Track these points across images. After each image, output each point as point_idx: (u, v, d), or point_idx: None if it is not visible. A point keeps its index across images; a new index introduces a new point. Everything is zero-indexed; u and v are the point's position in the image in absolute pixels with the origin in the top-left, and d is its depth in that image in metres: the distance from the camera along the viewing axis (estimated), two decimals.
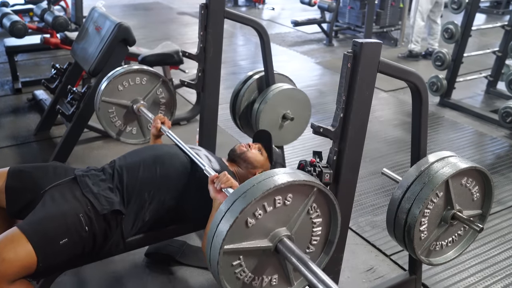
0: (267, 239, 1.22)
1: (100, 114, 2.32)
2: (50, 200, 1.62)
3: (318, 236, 1.35)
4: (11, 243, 1.45)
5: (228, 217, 1.14)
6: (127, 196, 1.72)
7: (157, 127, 2.11)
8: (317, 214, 1.31)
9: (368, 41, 1.41)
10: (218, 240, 1.13)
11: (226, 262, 1.18)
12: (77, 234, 1.56)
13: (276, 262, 1.28)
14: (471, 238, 1.73)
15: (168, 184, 1.78)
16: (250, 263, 1.23)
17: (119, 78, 2.30)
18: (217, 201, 1.55)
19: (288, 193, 1.21)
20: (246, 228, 1.18)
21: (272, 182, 1.16)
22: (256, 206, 1.16)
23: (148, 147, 1.93)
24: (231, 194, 1.20)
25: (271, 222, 1.22)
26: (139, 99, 2.36)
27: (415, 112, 1.72)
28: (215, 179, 1.57)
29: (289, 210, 1.24)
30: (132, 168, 1.79)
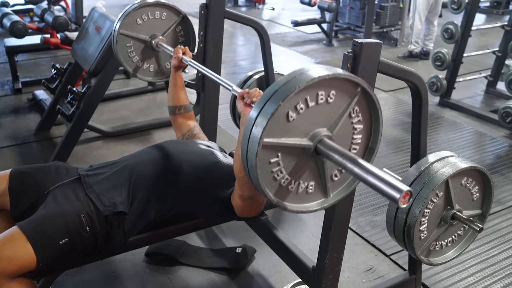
0: (307, 138, 1.15)
1: (118, 48, 2.26)
2: (52, 200, 1.62)
3: (357, 144, 1.26)
4: (10, 242, 1.46)
5: (269, 106, 1.05)
6: (133, 194, 1.70)
7: (179, 57, 2.05)
8: (359, 119, 1.22)
9: (368, 41, 1.41)
10: (258, 130, 1.05)
11: (264, 157, 1.09)
12: (77, 234, 1.55)
13: (314, 167, 1.21)
14: (470, 238, 1.73)
15: (176, 183, 1.76)
16: (288, 163, 1.15)
17: (139, 10, 2.23)
18: (246, 115, 1.46)
19: (332, 89, 1.13)
20: (286, 122, 1.09)
21: (317, 73, 1.07)
22: (298, 98, 1.08)
23: (157, 146, 1.90)
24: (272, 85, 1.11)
25: (312, 120, 1.14)
26: (157, 35, 2.30)
27: (415, 112, 1.72)
28: (245, 94, 1.51)
29: (331, 109, 1.16)
30: (141, 166, 1.76)
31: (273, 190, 1.16)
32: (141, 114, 4.02)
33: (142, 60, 2.34)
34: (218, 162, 1.83)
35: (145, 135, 3.62)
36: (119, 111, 4.10)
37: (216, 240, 2.46)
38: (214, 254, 2.31)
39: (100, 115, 3.89)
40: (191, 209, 1.81)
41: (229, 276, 2.21)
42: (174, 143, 1.92)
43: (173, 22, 2.33)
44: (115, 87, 4.41)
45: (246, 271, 2.25)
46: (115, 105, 4.22)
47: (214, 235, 2.50)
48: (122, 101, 4.30)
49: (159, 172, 1.75)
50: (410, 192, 0.95)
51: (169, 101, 2.16)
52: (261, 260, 2.31)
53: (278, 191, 1.17)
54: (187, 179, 1.77)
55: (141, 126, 3.72)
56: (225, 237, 2.48)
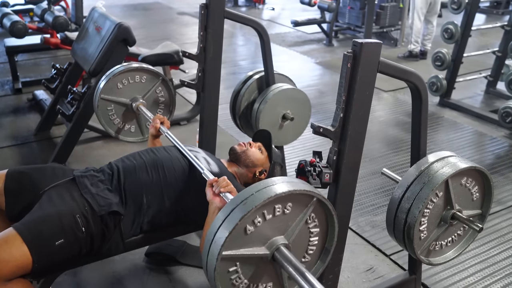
0: (265, 246, 1.22)
1: (99, 112, 2.32)
2: (47, 200, 1.62)
3: (314, 245, 1.35)
4: (5, 243, 1.46)
5: (228, 223, 1.14)
6: (125, 197, 1.72)
7: (156, 127, 2.10)
8: (315, 224, 1.31)
9: (368, 41, 1.41)
10: (217, 246, 1.13)
11: (223, 268, 1.18)
12: (73, 234, 1.55)
13: (272, 270, 1.28)
14: (470, 238, 1.73)
15: (167, 189, 1.77)
16: (246, 270, 1.23)
17: (119, 76, 2.30)
18: (214, 205, 1.54)
19: (288, 202, 1.21)
20: (245, 235, 1.17)
21: (273, 190, 1.16)
22: (256, 214, 1.17)
23: (148, 150, 1.92)
24: (230, 201, 1.19)
25: (270, 230, 1.22)
26: (138, 98, 2.36)
27: (415, 112, 1.72)
28: (214, 183, 1.56)
29: (288, 219, 1.24)
30: (132, 170, 1.79)
31: None
32: None
33: (123, 122, 2.40)
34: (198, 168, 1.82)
35: None
36: None
37: None
38: None
39: None
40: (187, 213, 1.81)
41: None
42: (167, 150, 1.93)
43: (153, 84, 2.39)
44: None
45: None
46: None
47: None
48: None
49: (149, 179, 1.77)
50: None
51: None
52: None
53: None
54: (179, 185, 1.79)
55: None
56: None
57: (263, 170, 2.00)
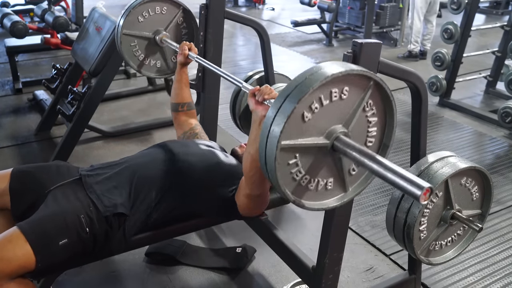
0: (323, 136, 1.15)
1: (122, 48, 2.26)
2: (52, 200, 1.62)
3: (373, 137, 1.27)
4: (9, 243, 1.46)
5: (284, 109, 1.06)
6: (134, 195, 1.70)
7: (185, 53, 2.05)
8: (373, 112, 1.23)
9: (367, 41, 1.41)
10: (275, 134, 1.06)
11: (282, 160, 1.10)
12: (77, 235, 1.55)
13: (332, 163, 1.21)
14: (470, 237, 1.73)
15: (179, 185, 1.75)
16: (306, 163, 1.16)
17: (138, 8, 2.23)
18: (258, 114, 1.44)
19: (345, 85, 1.13)
20: (302, 123, 1.10)
21: (329, 70, 1.08)
22: (312, 98, 1.09)
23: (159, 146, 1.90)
24: (283, 89, 1.11)
25: (327, 118, 1.14)
26: (161, 30, 2.30)
27: (414, 112, 1.72)
28: (256, 92, 1.47)
29: (345, 105, 1.16)
30: (142, 167, 1.76)
31: (292, 190, 1.17)
32: (141, 114, 4.02)
33: (147, 57, 2.34)
34: (219, 162, 1.82)
35: (145, 135, 3.62)
36: (119, 111, 4.10)
37: (216, 240, 2.46)
38: (214, 254, 2.32)
39: (100, 115, 3.90)
40: (193, 209, 1.81)
41: (229, 276, 2.22)
42: (175, 144, 1.91)
43: (174, 15, 2.33)
44: (115, 87, 4.41)
45: (246, 271, 2.25)
46: (115, 105, 4.22)
47: (214, 235, 2.50)
48: (122, 101, 4.30)
49: (161, 174, 1.75)
50: (431, 189, 0.95)
51: (172, 97, 2.16)
52: (261, 260, 2.31)
53: (298, 190, 1.18)
54: (188, 180, 1.77)
55: (141, 126, 3.72)
56: (225, 237, 2.48)
57: None
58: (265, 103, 1.42)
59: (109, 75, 3.07)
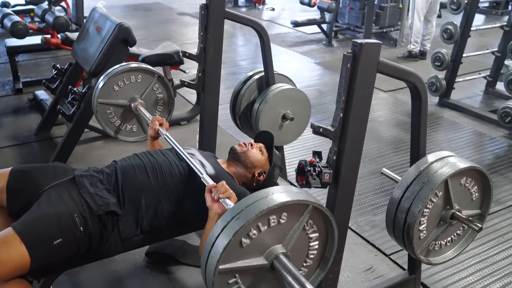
0: (263, 256, 1.21)
1: (99, 116, 2.32)
2: (46, 200, 1.63)
3: (315, 250, 1.34)
4: (3, 244, 1.46)
5: (222, 239, 1.12)
6: (123, 198, 1.72)
7: (155, 129, 2.08)
8: (313, 230, 1.30)
9: (367, 41, 1.42)
10: (213, 261, 1.13)
11: (222, 281, 1.17)
12: (71, 234, 1.56)
13: (273, 279, 1.26)
14: (470, 237, 1.73)
15: (165, 193, 1.78)
16: (246, 281, 1.22)
17: (114, 78, 2.29)
18: (213, 211, 1.53)
19: (283, 212, 1.20)
20: (240, 248, 1.16)
21: (266, 203, 1.14)
22: (250, 227, 1.16)
23: (146, 153, 1.92)
24: (222, 218, 1.18)
25: (267, 240, 1.21)
26: (136, 97, 2.34)
27: (414, 112, 1.72)
28: (213, 188, 1.54)
29: (284, 228, 1.23)
30: (130, 171, 1.79)
31: None
32: None
33: (123, 122, 2.40)
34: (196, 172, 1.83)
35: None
36: None
37: None
38: None
39: None
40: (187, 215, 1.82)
41: None
42: (166, 153, 1.93)
43: (149, 82, 2.38)
44: None
45: None
46: None
47: None
48: None
49: (147, 180, 1.77)
50: None
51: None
52: None
53: None
54: (178, 189, 1.79)
55: None
56: None
57: (262, 171, 2.00)
58: (221, 201, 1.51)
59: None
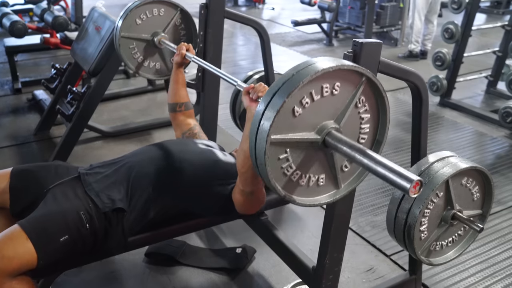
0: (315, 132, 1.14)
1: (121, 51, 2.27)
2: (51, 198, 1.63)
3: (365, 134, 1.25)
4: (10, 241, 1.46)
5: (274, 103, 1.05)
6: (131, 192, 1.71)
7: (182, 53, 2.06)
8: (365, 109, 1.21)
9: (368, 41, 1.41)
10: (265, 128, 1.05)
11: (272, 154, 1.09)
12: (77, 231, 1.56)
13: (323, 159, 1.19)
14: (471, 238, 1.72)
15: (176, 183, 1.76)
16: (297, 158, 1.15)
17: (136, 10, 2.24)
18: (252, 111, 1.47)
19: (336, 80, 1.12)
20: (293, 118, 1.09)
21: (320, 66, 1.06)
22: (303, 93, 1.08)
23: (157, 145, 1.90)
24: (274, 83, 1.10)
25: (318, 113, 1.13)
26: (159, 32, 2.31)
27: (415, 112, 1.72)
28: (251, 90, 1.50)
29: (337, 101, 1.15)
30: (140, 165, 1.77)
31: (283, 185, 1.15)
32: (141, 114, 4.01)
33: (146, 59, 2.35)
34: (217, 161, 1.83)
35: (145, 135, 3.62)
36: (119, 111, 4.10)
37: (216, 240, 2.46)
38: (214, 254, 2.31)
39: (100, 115, 3.89)
40: (191, 207, 1.81)
41: (229, 276, 2.21)
42: (173, 142, 1.92)
43: (172, 16, 2.34)
44: (115, 87, 4.41)
45: (246, 271, 2.25)
46: (115, 105, 4.21)
47: (214, 235, 2.49)
48: (122, 101, 4.30)
49: (158, 171, 1.76)
50: (421, 182, 0.95)
51: (169, 98, 2.16)
52: (261, 260, 2.31)
53: (288, 186, 1.16)
54: (186, 178, 1.77)
55: (141, 126, 3.71)
56: (225, 237, 2.48)
57: None
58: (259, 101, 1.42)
59: (108, 75, 3.06)
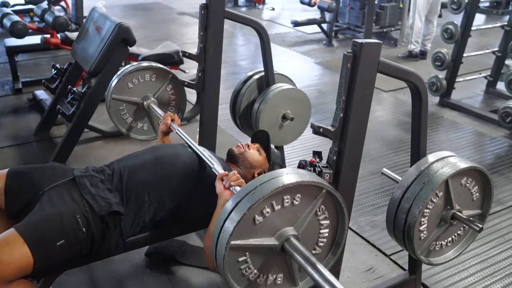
0: (274, 237, 1.22)
1: (111, 112, 2.34)
2: (47, 201, 1.62)
3: (325, 238, 1.34)
4: (7, 245, 1.46)
5: (236, 213, 1.14)
6: (126, 196, 1.72)
7: (167, 123, 2.12)
8: (325, 216, 1.30)
9: (368, 41, 1.41)
10: (225, 235, 1.13)
11: (232, 258, 1.18)
12: (74, 235, 1.56)
13: (281, 261, 1.28)
14: (470, 238, 1.73)
15: (169, 186, 1.78)
16: (256, 261, 1.23)
17: (129, 75, 2.32)
18: (223, 198, 1.55)
19: (297, 193, 1.21)
20: (253, 225, 1.17)
21: (281, 181, 1.16)
22: (264, 204, 1.16)
23: (149, 149, 1.93)
24: (239, 191, 1.20)
25: (279, 221, 1.22)
26: (149, 96, 2.37)
27: (414, 112, 1.72)
28: (224, 177, 1.58)
29: (297, 210, 1.23)
30: (133, 169, 1.79)
31: (242, 285, 1.23)
32: None
33: (135, 120, 2.42)
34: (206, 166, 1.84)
35: None
36: None
37: None
38: None
39: (100, 115, 3.89)
40: (188, 210, 1.82)
41: None
42: (163, 147, 1.95)
43: (163, 82, 2.41)
44: None
45: None
46: None
47: None
48: None
49: (149, 177, 1.77)
50: None
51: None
52: None
53: (247, 285, 1.24)
54: (178, 182, 1.79)
55: None
56: None
57: (262, 171, 2.00)
58: (231, 189, 1.54)
59: (109, 75, 3.05)
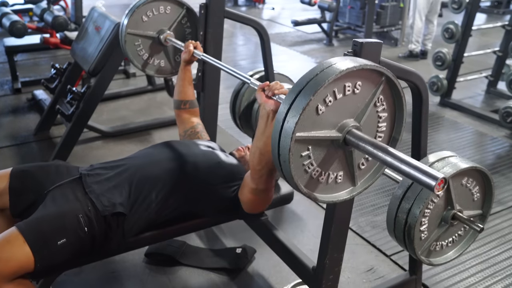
0: (336, 130, 1.18)
1: (126, 48, 2.28)
2: (51, 200, 1.62)
3: (382, 132, 1.30)
4: (8, 243, 1.45)
5: (299, 101, 1.08)
6: (134, 195, 1.69)
7: (190, 51, 2.07)
8: (383, 108, 1.25)
9: (368, 40, 1.40)
10: (290, 125, 1.08)
11: (296, 151, 1.12)
12: (75, 234, 1.55)
13: (343, 157, 1.24)
14: (471, 238, 1.72)
15: (180, 186, 1.75)
16: (318, 155, 1.19)
17: (142, 8, 2.25)
18: (266, 108, 1.44)
19: (358, 80, 1.16)
20: (316, 116, 1.12)
21: (344, 65, 1.10)
22: (327, 91, 1.11)
23: (162, 145, 1.90)
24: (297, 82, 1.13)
25: (340, 112, 1.17)
26: (164, 30, 2.32)
27: (415, 112, 1.71)
28: (266, 87, 1.48)
29: (358, 99, 1.19)
30: (143, 167, 1.76)
31: (304, 182, 1.18)
32: (141, 114, 4.01)
33: (151, 56, 2.36)
34: (220, 162, 1.83)
35: (144, 135, 3.62)
36: (118, 111, 4.10)
37: (216, 240, 2.46)
38: (214, 255, 2.31)
39: (100, 115, 3.89)
40: (193, 209, 1.80)
41: (229, 276, 2.21)
42: (176, 144, 1.91)
43: (178, 14, 2.34)
44: (114, 87, 4.41)
45: (246, 271, 2.24)
46: (115, 105, 4.21)
47: (214, 235, 2.49)
48: (121, 101, 4.29)
49: (161, 174, 1.75)
50: (445, 179, 0.96)
51: (175, 95, 2.17)
52: (261, 260, 2.31)
53: (309, 183, 1.20)
54: (189, 180, 1.77)
55: (141, 126, 3.71)
56: (225, 237, 2.47)
57: None
58: (274, 99, 1.43)
59: (108, 74, 3.06)
